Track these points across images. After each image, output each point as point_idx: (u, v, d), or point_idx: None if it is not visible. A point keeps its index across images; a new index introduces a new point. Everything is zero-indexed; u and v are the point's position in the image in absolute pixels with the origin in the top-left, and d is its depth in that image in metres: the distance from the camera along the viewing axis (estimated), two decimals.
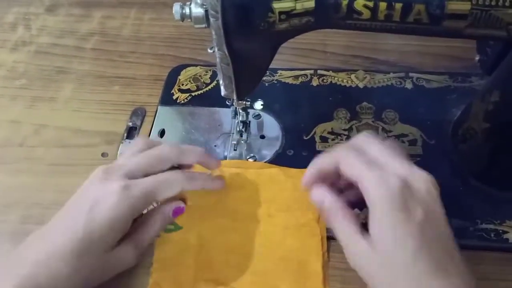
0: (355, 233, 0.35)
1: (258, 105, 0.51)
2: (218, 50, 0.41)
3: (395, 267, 0.33)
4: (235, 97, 0.47)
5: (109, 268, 0.40)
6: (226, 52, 0.40)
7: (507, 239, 0.44)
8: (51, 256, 0.37)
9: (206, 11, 0.38)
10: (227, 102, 0.52)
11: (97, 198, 0.39)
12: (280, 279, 0.43)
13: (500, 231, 0.45)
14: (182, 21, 0.40)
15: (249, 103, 0.49)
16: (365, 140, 0.37)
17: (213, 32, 0.39)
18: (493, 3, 0.32)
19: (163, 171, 0.42)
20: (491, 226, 0.45)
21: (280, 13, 0.35)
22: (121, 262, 0.41)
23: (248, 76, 0.44)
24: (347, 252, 0.36)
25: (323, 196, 0.37)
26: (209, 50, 0.43)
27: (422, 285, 0.32)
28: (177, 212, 0.44)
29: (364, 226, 0.35)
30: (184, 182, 0.42)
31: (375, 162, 0.35)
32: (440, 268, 0.32)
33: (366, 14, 0.35)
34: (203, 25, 0.40)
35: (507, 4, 0.32)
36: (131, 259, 0.41)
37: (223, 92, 0.46)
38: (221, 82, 0.45)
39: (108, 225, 0.38)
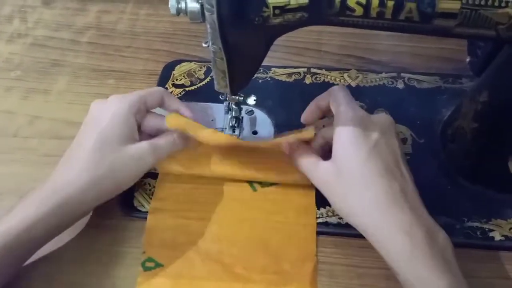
0: (316, 159, 0.43)
1: (251, 100, 0.51)
2: (213, 44, 0.42)
3: (350, 171, 0.40)
4: (228, 92, 0.47)
5: (128, 163, 0.44)
6: (220, 46, 0.41)
7: (492, 237, 0.45)
8: (75, 163, 0.43)
9: (202, 5, 0.38)
10: (220, 97, 0.52)
11: (101, 107, 0.46)
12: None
13: (486, 229, 0.46)
14: (178, 15, 0.41)
15: (242, 98, 0.50)
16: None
17: (208, 26, 0.40)
18: (482, 2, 0.33)
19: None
20: (477, 224, 0.46)
21: (275, 7, 0.36)
22: (138, 159, 0.44)
23: (242, 71, 0.44)
24: (310, 175, 0.44)
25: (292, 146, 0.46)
26: (203, 44, 0.43)
27: (369, 183, 0.39)
28: None
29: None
30: (165, 96, 0.49)
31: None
32: (388, 171, 0.39)
33: (359, 11, 0.35)
34: (199, 20, 0.40)
35: (496, 4, 0.33)
36: (147, 157, 0.45)
37: (216, 86, 0.47)
38: (214, 76, 0.46)
39: (114, 120, 0.44)
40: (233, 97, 0.49)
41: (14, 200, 0.49)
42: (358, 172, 0.39)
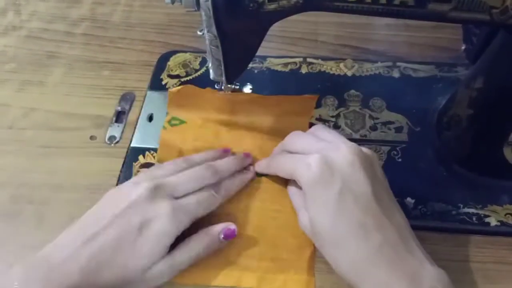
0: (301, 206, 0.42)
1: (247, 89, 0.51)
2: (208, 32, 0.42)
3: (323, 233, 0.38)
4: (224, 81, 0.47)
5: (143, 284, 0.40)
6: (215, 34, 0.41)
7: (488, 223, 0.45)
8: None
9: None
10: (216, 86, 0.52)
11: (147, 217, 0.40)
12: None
13: (482, 215, 0.46)
14: (173, 3, 0.41)
15: (238, 87, 0.50)
16: (290, 138, 0.45)
17: (203, 14, 0.40)
18: None
19: None
20: (473, 210, 0.46)
21: None
22: (156, 279, 0.40)
23: (237, 59, 0.44)
24: (298, 219, 0.43)
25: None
26: (198, 33, 0.43)
27: (340, 245, 0.37)
28: (229, 235, 0.43)
29: None
30: (223, 199, 0.45)
31: (297, 151, 0.43)
32: (360, 227, 0.37)
33: None
34: (193, 8, 0.40)
35: None
36: (166, 277, 0.41)
37: (212, 75, 0.47)
38: (210, 65, 0.46)
39: (155, 245, 0.39)
40: (229, 86, 0.49)
41: (9, 193, 0.50)
42: (329, 235, 0.38)
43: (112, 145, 0.53)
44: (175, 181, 0.43)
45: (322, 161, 0.39)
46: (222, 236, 0.43)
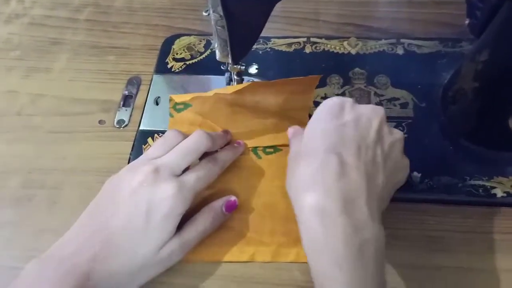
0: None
1: (253, 69, 0.51)
2: (213, 12, 0.42)
3: (305, 146, 0.39)
4: (230, 61, 0.47)
5: (156, 266, 0.41)
6: (221, 14, 0.41)
7: (494, 194, 0.46)
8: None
9: None
10: (222, 67, 0.52)
11: (153, 201, 0.40)
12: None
13: (488, 187, 0.46)
14: None
15: (244, 67, 0.50)
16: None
17: None
18: None
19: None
20: (479, 182, 0.47)
21: None
22: (168, 259, 0.41)
23: (243, 38, 0.44)
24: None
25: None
26: (203, 13, 0.44)
27: (312, 158, 0.37)
28: (230, 206, 0.45)
29: None
30: (220, 170, 0.46)
31: None
32: (336, 149, 0.37)
33: None
34: None
35: None
36: (177, 256, 0.42)
37: (218, 56, 0.47)
38: (216, 46, 0.46)
39: (164, 227, 0.40)
40: (235, 66, 0.49)
41: (20, 179, 0.50)
42: (310, 146, 0.38)
43: (121, 128, 0.54)
44: (172, 158, 0.43)
45: (350, 103, 0.40)
46: (224, 208, 0.44)
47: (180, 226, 0.42)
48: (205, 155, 0.46)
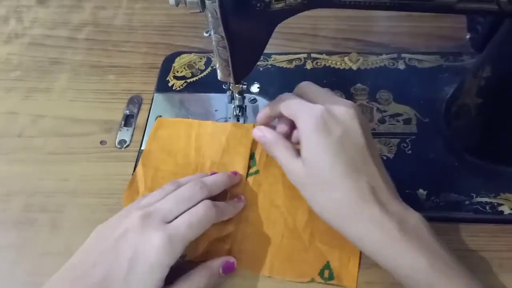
0: (291, 156, 0.43)
1: (255, 88, 0.51)
2: (214, 33, 0.42)
3: (320, 173, 0.40)
4: (232, 81, 0.47)
5: None
6: (223, 35, 0.41)
7: (502, 211, 0.45)
8: None
9: None
10: (223, 86, 0.52)
11: (139, 249, 0.37)
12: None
13: (495, 204, 0.46)
14: (177, 6, 0.41)
15: (245, 86, 0.50)
16: (303, 87, 0.46)
17: (209, 15, 0.40)
18: None
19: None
20: (486, 199, 0.46)
21: None
22: None
23: (245, 59, 0.44)
24: (286, 171, 0.44)
25: (265, 132, 0.46)
26: (204, 34, 0.43)
27: (337, 184, 0.40)
28: (228, 268, 0.43)
29: (298, 152, 0.43)
30: (215, 219, 0.42)
31: (307, 101, 0.44)
32: (354, 170, 0.40)
33: None
34: (197, 10, 0.40)
35: None
36: None
37: (219, 76, 0.47)
38: (217, 66, 0.46)
39: (148, 280, 0.37)
40: (237, 85, 0.49)
41: (22, 201, 0.50)
42: (326, 175, 0.40)
43: (123, 149, 0.54)
44: (165, 205, 0.41)
45: (326, 112, 0.41)
46: (222, 269, 0.42)
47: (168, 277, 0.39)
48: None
